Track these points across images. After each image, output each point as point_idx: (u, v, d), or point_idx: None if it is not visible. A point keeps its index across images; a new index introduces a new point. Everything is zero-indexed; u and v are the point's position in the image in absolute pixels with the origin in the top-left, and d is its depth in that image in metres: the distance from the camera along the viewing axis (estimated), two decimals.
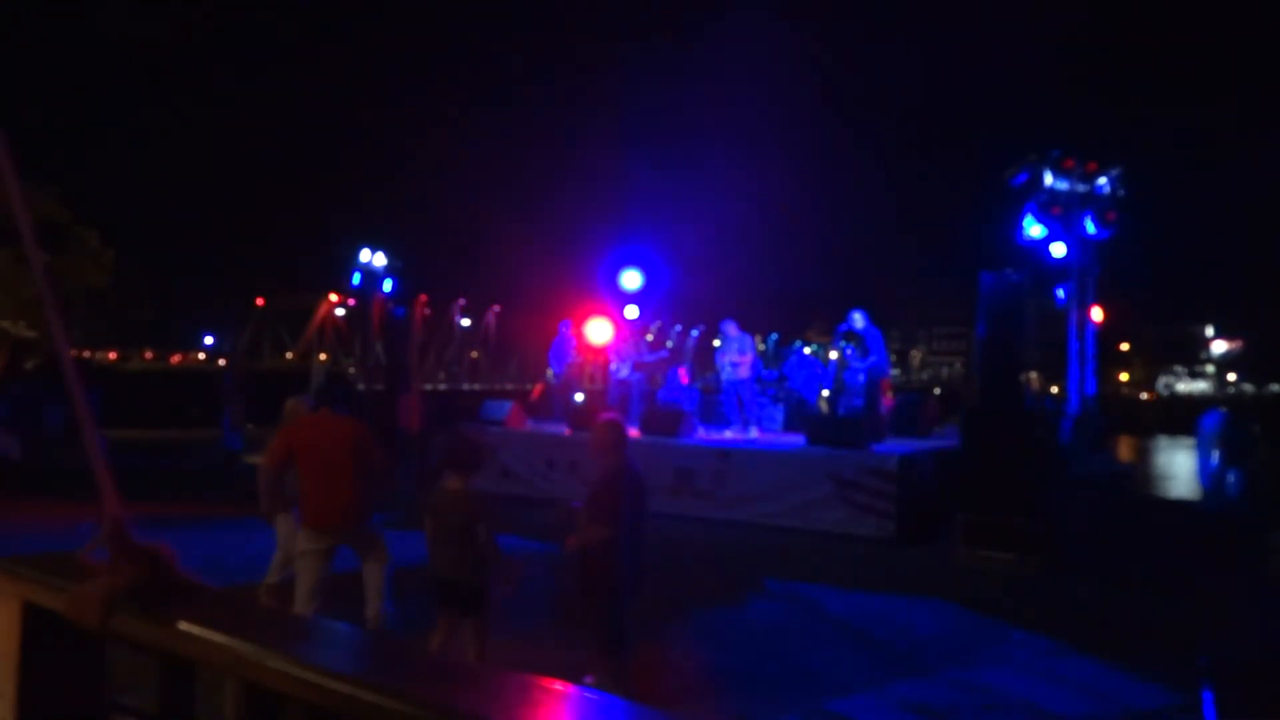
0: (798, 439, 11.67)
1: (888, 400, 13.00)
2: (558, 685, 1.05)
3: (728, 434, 12.54)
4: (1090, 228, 12.24)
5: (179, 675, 1.39)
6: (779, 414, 13.86)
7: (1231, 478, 12.16)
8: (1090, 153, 12.55)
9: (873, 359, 12.30)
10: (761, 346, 13.89)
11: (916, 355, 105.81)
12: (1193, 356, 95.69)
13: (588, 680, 4.98)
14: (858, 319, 12.28)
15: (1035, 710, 5.22)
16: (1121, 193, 12.50)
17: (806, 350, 16.81)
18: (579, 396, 14.58)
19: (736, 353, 12.35)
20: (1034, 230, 12.31)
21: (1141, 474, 23.41)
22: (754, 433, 12.40)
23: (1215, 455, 12.38)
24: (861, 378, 12.47)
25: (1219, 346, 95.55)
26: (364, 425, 5.58)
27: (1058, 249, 12.44)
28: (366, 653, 1.31)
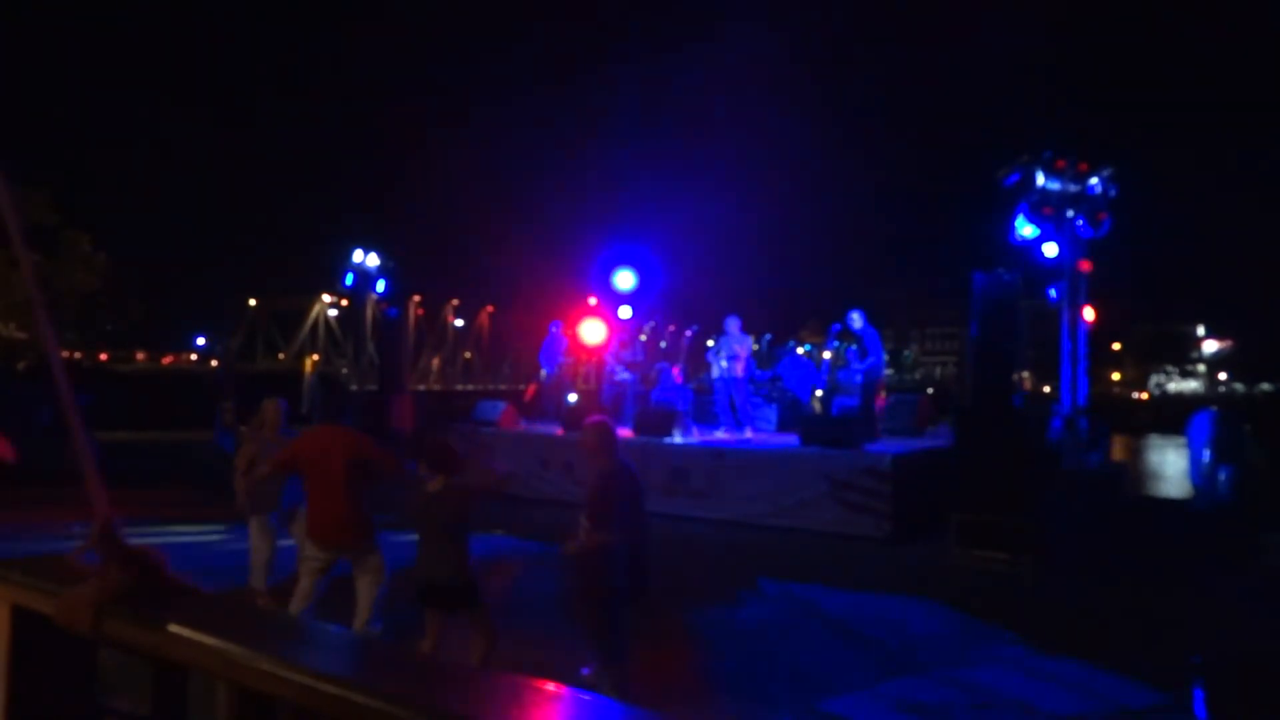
0: (792, 439, 11.68)
1: (880, 400, 13.02)
2: (549, 686, 1.05)
3: (720, 433, 12.54)
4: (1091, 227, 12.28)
5: (171, 678, 1.38)
6: (773, 414, 13.87)
7: (1222, 477, 12.20)
8: (1082, 153, 12.58)
9: (871, 359, 12.32)
10: (756, 346, 13.89)
11: (910, 355, 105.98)
12: (1184, 356, 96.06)
13: (584, 673, 4.97)
14: (856, 319, 12.29)
15: (1028, 709, 5.23)
16: (1113, 193, 12.53)
17: (800, 350, 16.84)
18: (572, 397, 14.58)
19: (733, 350, 12.33)
20: (1026, 230, 12.34)
21: (1133, 473, 23.49)
22: (748, 433, 12.41)
23: (1206, 454, 12.42)
24: (859, 378, 12.48)
25: (1210, 346, 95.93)
26: (363, 436, 5.49)
27: (1050, 249, 12.47)
28: (357, 655, 1.31)
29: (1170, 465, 28.08)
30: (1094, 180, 12.45)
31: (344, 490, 5.19)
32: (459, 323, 76.89)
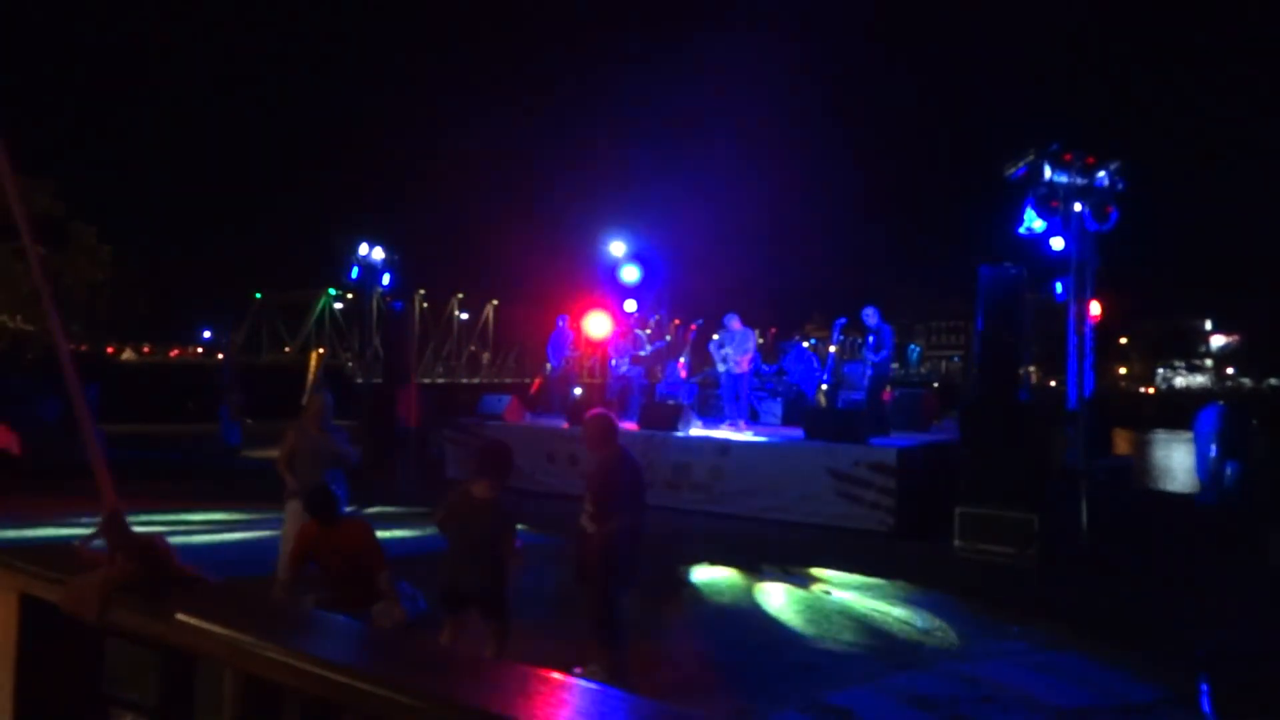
0: (796, 433, 11.67)
1: (886, 395, 12.99)
2: (554, 676, 1.05)
3: (724, 427, 12.54)
4: (1094, 220, 12.23)
5: (178, 667, 1.39)
6: (777, 408, 13.86)
7: (1229, 471, 12.17)
8: (1090, 146, 12.52)
9: (884, 354, 12.33)
10: (760, 340, 13.89)
11: (917, 349, 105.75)
12: (1191, 351, 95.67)
13: (577, 671, 4.99)
14: (870, 315, 12.26)
15: (1032, 702, 5.23)
16: (1120, 186, 12.47)
17: (805, 344, 16.81)
18: (578, 390, 14.60)
19: (735, 347, 12.32)
20: (1035, 224, 12.30)
21: (1140, 468, 23.43)
22: (750, 427, 12.41)
23: (1213, 449, 12.39)
24: (870, 370, 12.47)
25: (1217, 341, 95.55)
26: (363, 538, 5.46)
27: (1056, 243, 12.43)
28: (364, 644, 1.32)
29: (1177, 460, 28.00)
30: (1101, 174, 12.38)
31: (352, 587, 5.26)
32: (464, 316, 76.99)
